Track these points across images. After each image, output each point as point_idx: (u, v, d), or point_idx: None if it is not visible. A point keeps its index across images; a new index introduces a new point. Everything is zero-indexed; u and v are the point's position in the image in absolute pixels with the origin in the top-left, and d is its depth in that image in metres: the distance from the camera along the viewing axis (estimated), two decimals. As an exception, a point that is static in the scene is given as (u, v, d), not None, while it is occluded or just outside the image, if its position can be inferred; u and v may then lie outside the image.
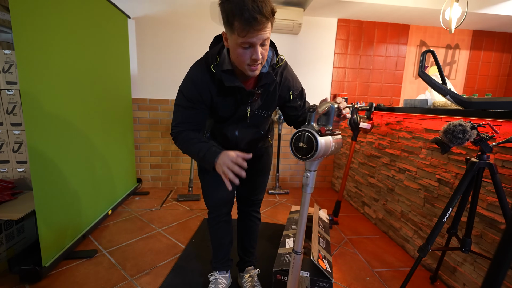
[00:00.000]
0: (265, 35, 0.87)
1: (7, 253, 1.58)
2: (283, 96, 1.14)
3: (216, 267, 1.44)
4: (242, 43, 0.88)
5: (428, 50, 1.44)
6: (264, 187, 1.42)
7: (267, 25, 0.86)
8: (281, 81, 1.10)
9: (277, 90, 1.10)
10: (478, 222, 1.40)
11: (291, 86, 1.12)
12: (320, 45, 3.13)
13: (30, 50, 1.41)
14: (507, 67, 3.46)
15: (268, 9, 0.83)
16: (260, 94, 1.08)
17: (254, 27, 0.83)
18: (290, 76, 1.12)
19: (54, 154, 1.62)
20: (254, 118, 1.15)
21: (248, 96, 1.06)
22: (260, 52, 0.90)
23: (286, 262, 1.39)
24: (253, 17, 0.81)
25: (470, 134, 1.15)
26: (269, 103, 1.13)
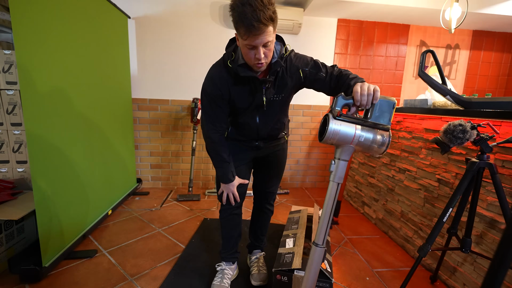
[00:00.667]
0: (265, 38, 0.98)
1: (7, 253, 1.58)
2: (295, 78, 1.20)
3: (223, 257, 1.54)
4: (246, 45, 1.01)
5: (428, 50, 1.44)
6: (278, 181, 1.54)
7: (266, 29, 0.96)
8: (287, 65, 1.18)
9: (286, 74, 1.18)
10: (478, 222, 1.40)
11: (298, 65, 1.19)
12: (320, 45, 3.13)
13: (30, 50, 1.41)
14: (507, 67, 3.46)
15: (266, 16, 0.93)
16: (272, 81, 1.17)
17: (254, 33, 0.95)
18: (295, 57, 1.20)
19: (54, 154, 1.62)
20: (270, 105, 1.24)
21: (261, 84, 1.17)
22: (262, 52, 1.01)
23: (286, 262, 1.39)
24: (252, 24, 0.92)
25: (470, 134, 1.15)
26: (281, 87, 1.21)
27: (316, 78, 1.18)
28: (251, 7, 0.91)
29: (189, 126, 3.08)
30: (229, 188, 1.32)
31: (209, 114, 1.23)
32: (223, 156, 1.27)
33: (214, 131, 1.24)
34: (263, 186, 1.52)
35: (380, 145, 0.87)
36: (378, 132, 0.87)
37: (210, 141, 1.26)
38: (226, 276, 1.48)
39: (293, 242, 1.58)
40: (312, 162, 3.37)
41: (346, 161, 0.90)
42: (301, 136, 3.28)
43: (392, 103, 0.85)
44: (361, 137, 0.85)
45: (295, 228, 1.76)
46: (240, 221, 1.51)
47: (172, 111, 3.03)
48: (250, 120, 1.28)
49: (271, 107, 1.25)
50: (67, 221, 1.74)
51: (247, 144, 1.37)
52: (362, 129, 0.85)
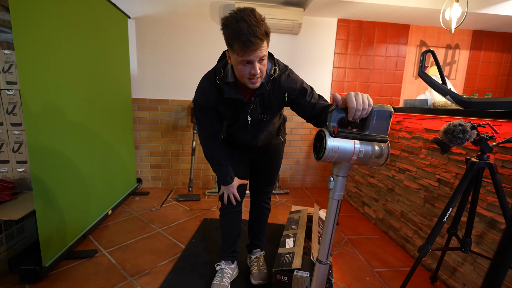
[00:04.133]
0: (261, 53, 0.98)
1: (7, 253, 1.58)
2: (279, 99, 1.19)
3: (223, 256, 1.55)
4: (241, 61, 1.00)
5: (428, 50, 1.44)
6: (274, 180, 1.57)
7: (262, 44, 0.97)
8: (275, 87, 1.17)
9: (272, 95, 1.18)
10: (478, 222, 1.40)
11: (285, 89, 1.17)
12: (320, 45, 3.13)
13: (30, 50, 1.41)
14: (507, 67, 3.46)
15: (261, 31, 0.94)
16: (256, 103, 1.18)
17: (250, 48, 0.95)
18: (285, 81, 1.17)
19: (54, 154, 1.62)
20: (256, 123, 1.26)
21: (246, 105, 1.18)
22: (258, 67, 1.01)
23: (286, 262, 1.39)
24: (249, 39, 0.93)
25: (470, 134, 1.15)
26: (268, 108, 1.22)
27: (297, 103, 1.17)
28: (246, 23, 0.92)
29: (189, 126, 3.08)
30: (229, 189, 1.37)
31: (202, 122, 1.26)
32: (219, 160, 1.32)
33: (209, 137, 1.29)
34: (259, 185, 1.56)
35: (378, 157, 0.84)
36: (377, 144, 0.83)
37: (206, 147, 1.31)
38: (226, 276, 1.49)
39: (293, 242, 1.58)
40: (312, 162, 3.37)
41: (345, 177, 0.88)
42: (301, 136, 3.28)
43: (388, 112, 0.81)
44: (360, 152, 0.81)
45: (295, 228, 1.76)
46: (239, 220, 1.52)
47: (172, 111, 3.03)
48: (239, 133, 1.31)
49: (259, 125, 1.27)
50: (67, 221, 1.74)
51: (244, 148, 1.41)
52: (361, 143, 0.82)
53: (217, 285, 1.43)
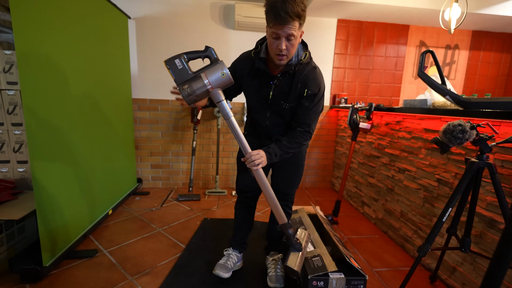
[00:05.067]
0: (290, 31, 1.05)
1: (7, 253, 1.58)
2: (301, 91, 1.26)
3: (232, 244, 1.65)
4: (271, 33, 1.10)
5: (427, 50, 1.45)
6: (296, 182, 1.53)
7: (292, 23, 1.04)
8: (303, 77, 1.24)
9: (298, 83, 1.24)
10: (478, 222, 1.41)
11: (309, 83, 1.24)
12: (320, 45, 3.13)
13: (30, 50, 1.41)
14: (507, 67, 3.47)
15: (294, 10, 1.01)
16: (280, 80, 1.25)
17: (279, 22, 1.04)
18: (313, 77, 1.25)
19: (55, 154, 1.62)
20: (276, 105, 1.31)
21: (270, 79, 1.26)
22: (284, 44, 1.09)
23: (319, 266, 1.35)
24: (279, 14, 1.02)
25: (469, 134, 1.15)
26: (290, 94, 1.27)
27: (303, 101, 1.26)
28: (288, 3, 1.00)
29: (189, 126, 3.08)
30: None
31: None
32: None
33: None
34: (279, 188, 1.50)
35: None
36: None
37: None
38: (231, 260, 1.58)
39: (311, 244, 1.55)
40: (312, 162, 3.37)
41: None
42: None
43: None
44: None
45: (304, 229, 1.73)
46: (252, 215, 1.62)
47: (172, 111, 3.03)
48: (260, 119, 1.38)
49: (277, 107, 1.31)
50: (68, 221, 1.75)
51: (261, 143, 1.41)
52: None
53: (221, 265, 1.54)
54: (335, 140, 3.35)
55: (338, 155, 3.28)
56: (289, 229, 1.26)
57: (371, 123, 2.22)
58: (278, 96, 1.28)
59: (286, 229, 1.26)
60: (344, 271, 1.32)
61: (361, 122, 2.25)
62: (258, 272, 1.64)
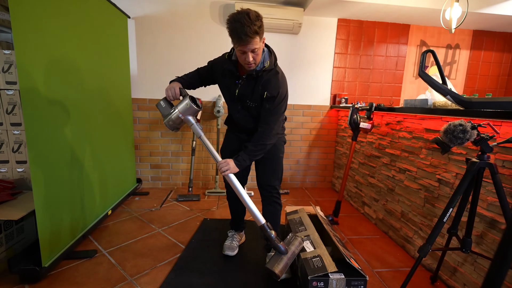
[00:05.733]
0: (252, 46, 1.28)
1: (6, 253, 1.58)
2: (261, 93, 1.44)
3: (233, 227, 1.91)
4: (238, 50, 1.32)
5: (428, 50, 1.44)
6: (275, 174, 1.66)
7: (252, 40, 1.25)
8: (264, 81, 1.43)
9: (259, 86, 1.43)
10: (478, 222, 1.40)
11: (268, 87, 1.42)
12: (320, 45, 3.12)
13: (29, 50, 1.41)
14: (508, 67, 3.46)
15: (252, 30, 1.22)
16: (244, 80, 1.45)
17: (242, 43, 1.26)
18: (274, 81, 1.43)
19: (54, 154, 1.62)
20: (243, 102, 1.50)
21: (236, 78, 1.47)
22: (251, 57, 1.31)
23: (318, 267, 1.34)
24: (240, 37, 1.24)
25: (470, 134, 1.15)
26: (253, 94, 1.46)
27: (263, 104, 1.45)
28: (240, 23, 1.21)
29: (189, 126, 3.07)
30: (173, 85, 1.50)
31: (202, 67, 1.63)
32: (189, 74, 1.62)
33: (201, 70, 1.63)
34: (262, 180, 1.66)
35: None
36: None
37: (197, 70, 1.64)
38: (235, 239, 1.85)
39: (311, 244, 1.54)
40: (312, 162, 3.37)
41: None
42: (301, 136, 3.27)
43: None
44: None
45: (303, 229, 1.72)
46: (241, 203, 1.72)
47: (172, 111, 3.02)
48: (232, 111, 1.60)
49: (249, 109, 1.51)
50: (67, 221, 1.74)
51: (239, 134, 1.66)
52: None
53: (228, 246, 1.79)
54: (336, 140, 3.34)
55: (338, 155, 3.27)
56: (269, 230, 1.35)
57: (372, 123, 2.21)
58: (243, 95, 1.48)
59: (266, 230, 1.35)
60: (344, 272, 1.31)
61: (361, 122, 2.25)
62: (258, 272, 1.64)
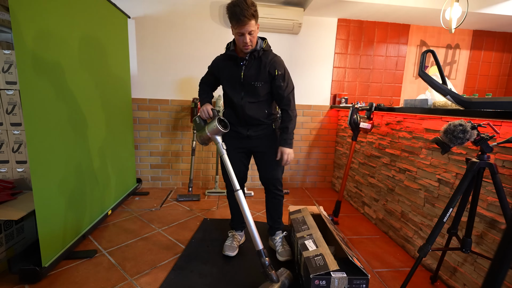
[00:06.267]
0: (249, 28, 1.43)
1: (6, 253, 1.58)
2: (271, 72, 1.58)
3: (233, 227, 1.94)
4: (237, 33, 1.47)
5: (428, 50, 1.44)
6: (276, 167, 1.73)
7: (249, 22, 1.41)
8: (269, 60, 1.58)
9: (266, 65, 1.58)
10: (479, 222, 1.40)
11: (276, 65, 1.59)
12: (320, 45, 3.12)
13: (29, 50, 1.41)
14: (508, 67, 3.46)
15: (249, 13, 1.39)
16: (247, 60, 1.58)
17: (240, 24, 1.41)
18: (278, 60, 1.61)
19: (54, 154, 1.62)
20: (248, 85, 1.60)
21: (240, 60, 1.59)
22: (248, 38, 1.46)
23: (320, 266, 1.34)
24: (239, 18, 1.39)
25: (470, 134, 1.14)
26: (260, 73, 1.58)
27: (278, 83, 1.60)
28: (239, 7, 1.38)
29: (189, 126, 3.08)
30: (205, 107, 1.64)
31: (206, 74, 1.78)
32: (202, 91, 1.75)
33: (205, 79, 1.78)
34: (265, 174, 1.76)
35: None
36: None
37: (200, 82, 1.79)
38: (236, 240, 1.87)
39: (314, 243, 1.54)
40: (312, 162, 3.37)
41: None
42: (301, 136, 3.27)
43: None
44: None
45: (306, 228, 1.71)
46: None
47: (172, 111, 3.03)
48: (236, 99, 1.64)
49: (254, 91, 1.61)
50: (67, 221, 1.74)
51: (238, 131, 1.70)
52: None
53: (228, 246, 1.81)
54: (336, 140, 3.34)
55: (338, 155, 3.27)
56: (264, 257, 1.41)
57: (372, 123, 2.21)
58: (249, 77, 1.59)
59: (261, 256, 1.42)
60: (347, 271, 1.31)
61: (361, 122, 2.25)
62: (257, 273, 1.63)
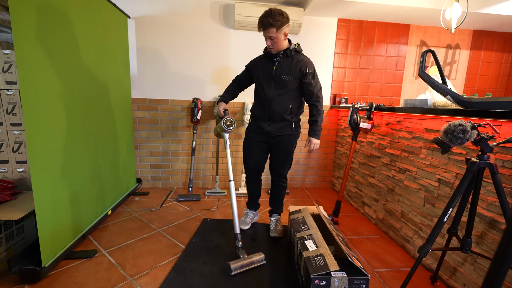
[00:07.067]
0: (268, 34, 1.76)
1: (6, 253, 1.58)
2: (302, 69, 1.85)
3: (249, 206, 2.27)
4: (263, 36, 1.82)
5: (428, 50, 1.44)
6: (285, 164, 2.07)
7: (267, 29, 1.74)
8: (300, 59, 1.86)
9: (293, 60, 1.86)
10: (479, 222, 1.40)
11: (307, 65, 1.86)
12: (320, 45, 3.12)
13: (29, 50, 1.41)
14: (508, 67, 3.46)
15: (268, 22, 1.71)
16: (281, 57, 1.87)
17: (262, 29, 1.78)
18: (308, 61, 1.89)
19: (54, 154, 1.62)
20: (278, 78, 1.87)
21: (273, 56, 1.88)
22: (269, 42, 1.81)
23: (321, 266, 1.34)
24: (261, 24, 1.76)
25: (470, 134, 1.14)
26: (290, 69, 1.85)
27: (308, 81, 1.87)
28: (264, 16, 1.72)
29: (189, 126, 3.08)
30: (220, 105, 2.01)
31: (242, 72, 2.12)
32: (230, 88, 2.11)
33: (239, 77, 2.12)
34: (274, 167, 2.09)
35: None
36: None
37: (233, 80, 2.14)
38: (249, 217, 2.21)
39: (314, 243, 1.54)
40: (312, 162, 3.37)
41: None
42: (301, 136, 3.26)
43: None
44: None
45: (306, 229, 1.72)
46: (259, 186, 2.21)
47: (172, 111, 3.03)
48: (267, 90, 1.91)
49: (282, 83, 1.87)
50: (67, 221, 1.74)
51: (261, 126, 1.98)
52: None
53: (242, 221, 2.18)
54: (336, 140, 3.34)
55: (338, 155, 3.27)
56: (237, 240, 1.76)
57: (372, 123, 2.21)
58: (280, 71, 1.86)
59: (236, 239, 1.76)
60: (347, 271, 1.31)
61: (361, 122, 2.25)
62: (257, 273, 1.64)
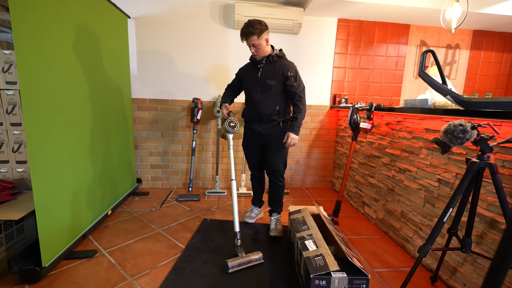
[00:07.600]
0: (251, 42, 1.87)
1: (6, 253, 1.58)
2: (284, 73, 1.94)
3: (253, 203, 2.41)
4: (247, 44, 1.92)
5: (428, 50, 1.44)
6: (279, 162, 2.11)
7: (249, 37, 1.85)
8: (282, 63, 1.96)
9: (276, 65, 1.96)
10: (479, 222, 1.40)
11: (289, 67, 1.95)
12: (320, 45, 3.12)
13: (29, 50, 1.41)
14: (508, 67, 3.46)
15: (249, 31, 1.82)
16: (264, 63, 1.97)
17: (244, 39, 1.89)
18: (290, 64, 1.98)
19: (54, 154, 1.62)
20: (264, 83, 1.97)
21: (258, 63, 1.99)
22: (253, 49, 1.91)
23: (321, 266, 1.34)
24: (242, 34, 1.88)
25: (470, 134, 1.14)
26: (274, 74, 1.95)
27: (289, 83, 1.94)
28: (245, 27, 1.84)
29: (189, 126, 3.08)
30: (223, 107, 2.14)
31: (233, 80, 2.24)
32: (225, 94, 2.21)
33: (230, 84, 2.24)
34: (269, 165, 2.14)
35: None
36: None
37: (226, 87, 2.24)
38: (254, 212, 2.35)
39: (314, 243, 1.54)
40: (312, 162, 3.37)
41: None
42: (301, 136, 3.27)
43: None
44: None
45: (306, 229, 1.72)
46: (262, 182, 2.36)
47: (172, 111, 3.03)
48: (254, 95, 2.01)
49: (267, 87, 1.97)
50: (67, 221, 1.74)
51: (252, 128, 2.08)
52: None
53: (248, 216, 2.33)
54: (336, 140, 3.34)
55: (338, 155, 3.27)
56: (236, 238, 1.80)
57: (372, 123, 2.21)
58: (265, 76, 1.96)
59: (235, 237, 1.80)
60: (347, 271, 1.31)
61: (361, 122, 2.25)
62: (257, 273, 1.64)
